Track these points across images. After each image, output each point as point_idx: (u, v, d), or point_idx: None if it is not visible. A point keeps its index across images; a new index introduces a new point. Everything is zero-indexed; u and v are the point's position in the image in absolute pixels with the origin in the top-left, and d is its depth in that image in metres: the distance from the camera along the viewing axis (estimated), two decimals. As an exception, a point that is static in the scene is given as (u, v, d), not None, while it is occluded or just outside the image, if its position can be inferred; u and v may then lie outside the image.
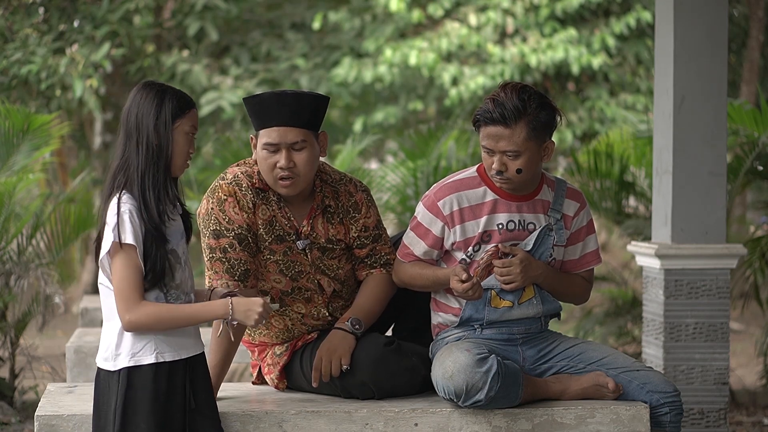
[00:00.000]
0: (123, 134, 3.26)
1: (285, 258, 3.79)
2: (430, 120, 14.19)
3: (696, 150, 5.16)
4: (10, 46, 10.63)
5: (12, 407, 6.25)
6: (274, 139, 3.69)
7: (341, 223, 3.85)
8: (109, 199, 3.25)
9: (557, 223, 3.79)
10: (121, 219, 3.18)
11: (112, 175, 3.26)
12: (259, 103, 3.71)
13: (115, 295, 3.21)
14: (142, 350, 3.23)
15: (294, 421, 3.55)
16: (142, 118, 3.23)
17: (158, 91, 3.25)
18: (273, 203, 3.78)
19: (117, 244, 3.17)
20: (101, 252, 3.21)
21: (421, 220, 3.78)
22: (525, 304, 3.78)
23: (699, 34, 5.15)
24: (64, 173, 12.42)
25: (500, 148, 3.66)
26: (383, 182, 8.12)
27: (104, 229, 3.22)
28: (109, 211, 3.22)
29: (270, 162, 3.70)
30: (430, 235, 3.76)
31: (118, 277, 3.19)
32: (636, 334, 7.27)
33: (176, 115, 3.25)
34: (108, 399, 3.25)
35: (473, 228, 3.73)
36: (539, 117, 3.65)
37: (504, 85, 3.70)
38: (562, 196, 3.81)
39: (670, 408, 3.69)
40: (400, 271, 3.84)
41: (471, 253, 3.74)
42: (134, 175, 3.22)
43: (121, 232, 3.17)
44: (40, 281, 6.38)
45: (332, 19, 12.49)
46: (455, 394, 3.56)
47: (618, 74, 12.71)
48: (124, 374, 3.22)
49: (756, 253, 6.31)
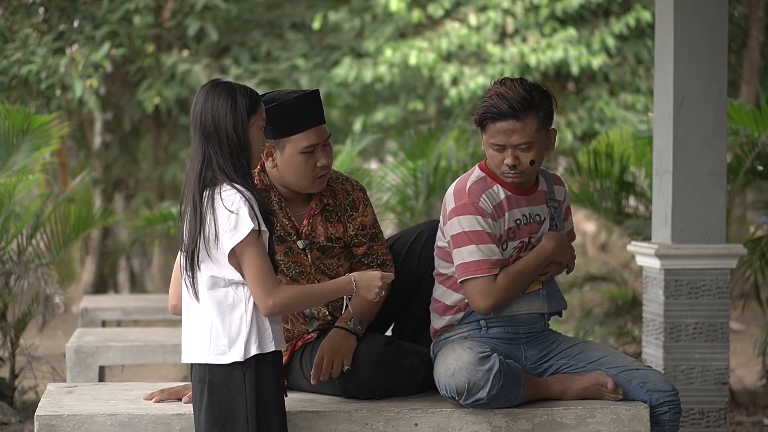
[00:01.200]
0: (199, 137, 3.24)
1: (285, 258, 3.79)
2: (430, 120, 14.19)
3: (696, 150, 5.16)
4: (10, 46, 10.64)
5: (12, 407, 6.25)
6: (314, 140, 3.71)
7: (339, 221, 3.86)
8: (202, 194, 3.21)
9: (555, 210, 3.82)
10: (250, 207, 3.19)
11: (197, 175, 3.23)
12: (287, 109, 3.69)
13: (252, 282, 3.20)
14: (263, 338, 3.25)
15: (294, 421, 3.55)
16: (218, 119, 3.23)
17: (229, 91, 3.26)
18: (274, 204, 3.79)
19: (256, 231, 3.18)
20: (231, 243, 3.17)
21: (474, 227, 3.67)
22: (531, 294, 3.78)
23: (699, 34, 5.15)
24: (64, 173, 12.42)
25: (513, 142, 3.66)
26: (383, 182, 8.12)
27: (219, 219, 3.19)
28: (227, 200, 3.19)
29: (311, 163, 3.71)
30: (492, 236, 3.69)
31: (255, 263, 3.19)
32: (636, 334, 7.27)
33: (250, 111, 3.27)
34: (234, 391, 3.24)
35: (502, 226, 3.73)
36: (545, 106, 3.68)
37: (501, 81, 3.70)
38: (551, 183, 3.86)
39: (670, 407, 3.70)
40: (494, 289, 3.68)
41: (501, 251, 3.74)
42: (228, 171, 3.22)
43: (256, 219, 3.18)
44: (40, 281, 6.38)
45: (332, 19, 12.49)
46: (457, 392, 3.56)
47: (618, 74, 12.71)
48: (252, 362, 3.22)
49: (756, 253, 6.31)
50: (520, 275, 3.70)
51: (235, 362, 3.23)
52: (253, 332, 3.24)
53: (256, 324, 3.25)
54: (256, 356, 3.24)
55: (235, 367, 3.23)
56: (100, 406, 3.59)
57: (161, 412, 3.53)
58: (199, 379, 3.28)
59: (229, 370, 3.24)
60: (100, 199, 12.70)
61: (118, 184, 13.37)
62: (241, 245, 3.19)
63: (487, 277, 3.66)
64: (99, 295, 9.66)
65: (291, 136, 3.70)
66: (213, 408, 3.26)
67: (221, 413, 3.26)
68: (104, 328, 6.84)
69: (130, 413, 3.51)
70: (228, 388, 3.25)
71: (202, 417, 3.27)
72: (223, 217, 3.19)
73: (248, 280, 3.22)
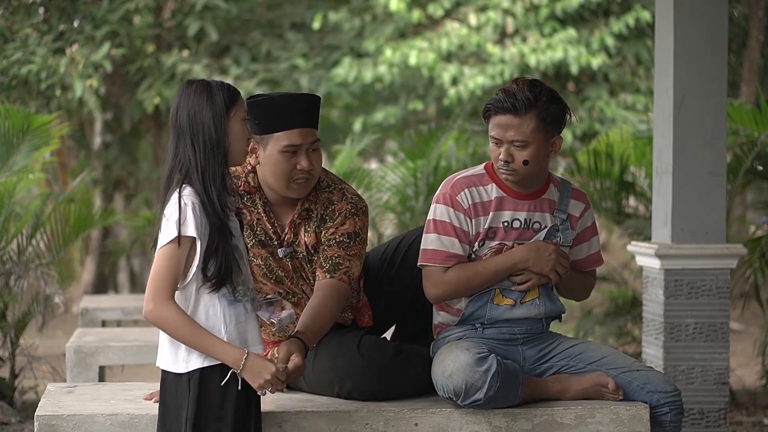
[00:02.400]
0: (174, 135, 3.23)
1: (266, 263, 3.76)
2: (430, 120, 14.19)
3: (696, 150, 5.16)
4: (10, 46, 10.63)
5: (12, 407, 6.25)
6: (296, 140, 3.66)
7: (314, 232, 3.77)
8: (167, 197, 3.20)
9: (563, 223, 3.79)
10: (183, 212, 3.14)
11: (167, 175, 3.22)
12: (273, 106, 3.66)
13: (149, 282, 3.16)
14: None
15: (294, 421, 3.55)
16: (194, 116, 3.20)
17: (204, 87, 3.23)
18: (259, 207, 3.75)
19: (177, 237, 3.13)
20: (158, 245, 3.16)
21: (443, 217, 3.72)
22: (528, 303, 3.77)
23: (699, 34, 5.15)
24: (64, 173, 12.42)
25: (508, 138, 3.67)
26: (383, 182, 8.12)
27: (162, 224, 3.18)
28: (169, 205, 3.17)
29: (289, 164, 3.66)
30: (458, 230, 3.71)
31: (158, 266, 3.14)
32: (636, 334, 7.27)
33: (229, 104, 3.24)
34: (178, 402, 3.22)
35: (482, 224, 3.73)
36: (549, 109, 3.68)
37: (516, 79, 3.74)
38: (568, 196, 3.81)
39: (671, 408, 3.69)
40: (443, 281, 3.72)
41: (476, 248, 3.74)
42: (193, 172, 3.19)
43: (182, 225, 3.13)
44: (40, 281, 6.38)
45: (332, 19, 12.49)
46: (454, 393, 3.56)
47: (618, 74, 12.71)
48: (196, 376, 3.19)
49: (756, 253, 6.31)
50: (475, 274, 3.69)
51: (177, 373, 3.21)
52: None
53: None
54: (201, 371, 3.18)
55: (180, 377, 3.21)
56: (100, 406, 3.59)
57: (161, 412, 3.53)
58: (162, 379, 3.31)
59: (175, 380, 3.23)
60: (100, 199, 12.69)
61: (118, 184, 13.37)
62: (161, 248, 3.16)
63: (439, 267, 3.71)
64: (99, 295, 9.66)
65: (274, 133, 3.67)
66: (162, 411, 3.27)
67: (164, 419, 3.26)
68: (104, 328, 6.83)
69: (130, 413, 3.51)
70: (174, 397, 3.24)
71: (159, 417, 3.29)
72: (165, 219, 3.18)
73: (149, 278, 3.17)
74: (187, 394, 3.20)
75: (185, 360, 3.20)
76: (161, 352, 3.27)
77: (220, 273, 3.17)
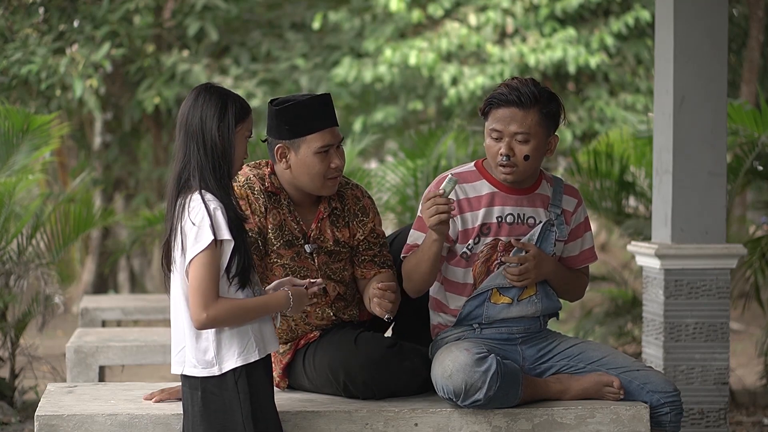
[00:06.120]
0: (183, 135, 3.27)
1: (292, 263, 3.80)
2: (430, 120, 14.19)
3: (696, 150, 5.17)
4: (10, 46, 10.63)
5: (12, 407, 6.25)
6: (329, 140, 3.75)
7: (347, 226, 3.87)
8: (177, 199, 3.24)
9: (558, 218, 3.79)
10: (214, 217, 3.18)
11: (175, 176, 3.26)
12: (302, 110, 3.72)
13: (193, 290, 3.18)
14: (247, 348, 3.24)
15: (294, 421, 3.55)
16: (205, 121, 3.24)
17: (221, 95, 3.27)
18: (284, 207, 3.80)
19: (214, 242, 3.17)
20: (190, 253, 3.18)
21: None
22: (525, 301, 3.77)
23: (699, 34, 5.15)
24: (64, 173, 12.43)
25: (511, 131, 3.67)
26: (383, 182, 8.12)
27: (185, 230, 3.20)
28: (193, 211, 3.20)
29: (324, 164, 3.75)
30: None
31: (201, 273, 3.17)
32: (636, 334, 7.27)
33: (239, 119, 3.28)
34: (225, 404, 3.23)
35: (472, 220, 3.73)
36: (550, 106, 3.70)
37: (514, 78, 3.75)
38: (561, 192, 3.83)
39: (671, 408, 3.69)
40: (403, 270, 3.80)
41: (471, 245, 3.74)
42: (206, 175, 3.23)
43: (216, 230, 3.18)
44: (40, 281, 6.38)
45: (332, 19, 12.49)
46: (454, 393, 3.56)
47: (618, 74, 12.71)
48: (241, 373, 3.22)
49: (756, 253, 6.32)
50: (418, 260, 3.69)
51: (213, 377, 3.23)
52: (231, 345, 3.23)
53: (237, 335, 3.24)
54: (245, 368, 3.23)
55: (221, 379, 3.23)
56: (100, 406, 3.59)
57: (161, 412, 3.53)
58: (189, 386, 3.29)
59: (221, 379, 3.24)
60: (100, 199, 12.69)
61: (118, 184, 13.37)
62: (197, 256, 3.18)
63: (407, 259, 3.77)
64: (99, 295, 9.66)
65: (306, 136, 3.73)
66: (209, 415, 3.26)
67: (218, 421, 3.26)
68: (104, 328, 6.83)
69: (130, 413, 3.51)
70: (222, 397, 3.25)
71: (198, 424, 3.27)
72: (188, 230, 3.20)
73: (190, 287, 3.20)
74: (236, 394, 3.23)
75: (217, 362, 3.23)
76: (184, 358, 3.27)
77: (244, 270, 3.23)
